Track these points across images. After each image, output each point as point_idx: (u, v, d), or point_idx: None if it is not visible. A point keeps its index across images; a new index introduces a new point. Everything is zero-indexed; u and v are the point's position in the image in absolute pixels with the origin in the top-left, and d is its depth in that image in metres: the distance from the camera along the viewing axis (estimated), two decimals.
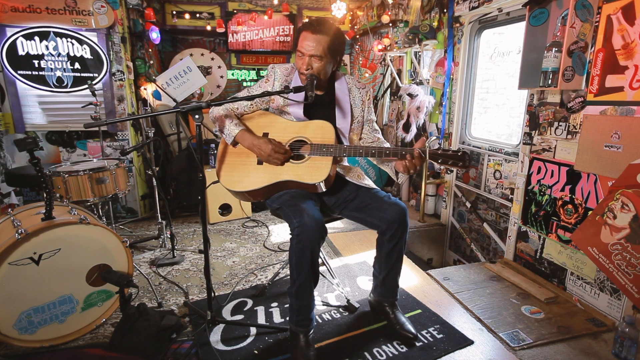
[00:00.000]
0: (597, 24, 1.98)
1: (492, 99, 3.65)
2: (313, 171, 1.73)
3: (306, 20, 1.81)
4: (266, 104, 1.92)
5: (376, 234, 1.85)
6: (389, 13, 3.84)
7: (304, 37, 1.69)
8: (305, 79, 1.73)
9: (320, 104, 1.83)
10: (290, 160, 1.79)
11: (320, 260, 2.41)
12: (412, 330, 1.82)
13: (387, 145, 1.93)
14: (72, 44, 3.31)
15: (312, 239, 1.57)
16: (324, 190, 1.78)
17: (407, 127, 3.61)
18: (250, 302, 2.17)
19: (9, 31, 3.18)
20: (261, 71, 4.99)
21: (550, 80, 2.07)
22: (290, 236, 1.63)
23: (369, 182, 1.91)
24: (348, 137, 1.89)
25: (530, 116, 2.43)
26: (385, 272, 1.85)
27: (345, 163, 2.01)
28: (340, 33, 1.75)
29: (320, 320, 1.98)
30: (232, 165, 1.89)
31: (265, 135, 1.86)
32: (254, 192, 1.83)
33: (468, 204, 3.17)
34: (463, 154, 1.56)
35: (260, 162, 1.83)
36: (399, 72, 4.04)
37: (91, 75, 3.38)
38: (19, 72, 3.24)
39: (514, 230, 2.59)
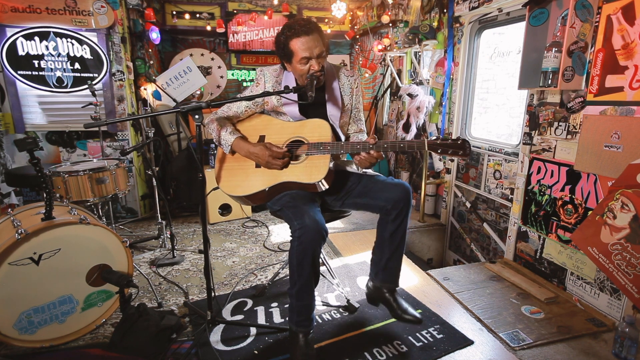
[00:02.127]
0: (597, 24, 1.98)
1: (492, 99, 3.66)
2: (312, 170, 1.73)
3: (284, 29, 1.77)
4: (260, 108, 1.92)
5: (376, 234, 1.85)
6: (389, 13, 3.84)
7: (304, 42, 1.67)
8: (305, 79, 1.72)
9: (315, 100, 1.82)
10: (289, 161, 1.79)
11: (320, 260, 2.42)
12: (416, 314, 1.80)
13: (365, 137, 1.94)
14: (72, 44, 3.31)
15: (313, 240, 1.57)
16: (326, 188, 1.78)
17: (407, 127, 3.61)
18: (250, 302, 2.17)
19: (9, 31, 3.18)
20: None
21: (550, 80, 2.07)
22: (291, 238, 1.62)
23: (369, 170, 1.91)
24: (339, 125, 1.90)
25: (530, 116, 2.43)
26: (389, 254, 1.82)
27: (344, 158, 2.01)
28: (318, 24, 1.77)
29: (320, 320, 1.99)
30: (231, 170, 1.88)
31: (262, 137, 1.85)
32: (253, 196, 1.83)
33: (468, 204, 3.17)
34: (463, 142, 1.55)
35: (258, 165, 1.83)
36: (399, 72, 4.04)
37: (91, 75, 3.38)
38: (19, 72, 3.24)
39: (514, 230, 2.59)
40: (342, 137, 1.90)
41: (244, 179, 1.84)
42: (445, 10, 3.20)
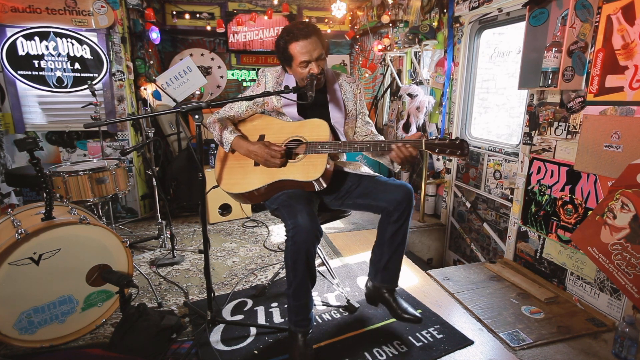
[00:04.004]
0: (597, 24, 1.98)
1: (492, 99, 3.66)
2: (309, 169, 1.73)
3: (283, 33, 1.78)
4: (261, 108, 1.93)
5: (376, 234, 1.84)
6: (389, 13, 3.84)
7: (303, 46, 1.68)
8: (305, 80, 1.72)
9: (315, 102, 1.83)
10: (287, 159, 1.80)
11: (320, 260, 2.42)
12: (416, 313, 1.80)
13: (381, 138, 1.93)
14: (72, 44, 3.31)
15: (306, 240, 1.57)
16: (324, 187, 1.78)
17: (407, 127, 3.61)
18: (250, 302, 2.17)
19: (9, 31, 3.18)
20: None
21: (550, 80, 2.07)
22: (286, 237, 1.63)
23: (369, 171, 1.91)
24: (344, 131, 1.90)
25: (530, 116, 2.43)
26: (389, 255, 1.81)
27: (344, 159, 2.01)
28: (317, 27, 1.77)
29: (320, 320, 1.99)
30: (231, 168, 1.90)
31: (262, 137, 1.86)
32: (251, 194, 1.83)
33: (468, 204, 3.17)
34: (461, 142, 1.54)
35: (257, 164, 1.84)
36: (399, 72, 4.04)
37: (91, 75, 3.38)
38: (19, 72, 3.24)
39: (514, 230, 2.59)
40: (343, 139, 1.91)
41: (242, 177, 1.85)
42: (445, 10, 3.20)
